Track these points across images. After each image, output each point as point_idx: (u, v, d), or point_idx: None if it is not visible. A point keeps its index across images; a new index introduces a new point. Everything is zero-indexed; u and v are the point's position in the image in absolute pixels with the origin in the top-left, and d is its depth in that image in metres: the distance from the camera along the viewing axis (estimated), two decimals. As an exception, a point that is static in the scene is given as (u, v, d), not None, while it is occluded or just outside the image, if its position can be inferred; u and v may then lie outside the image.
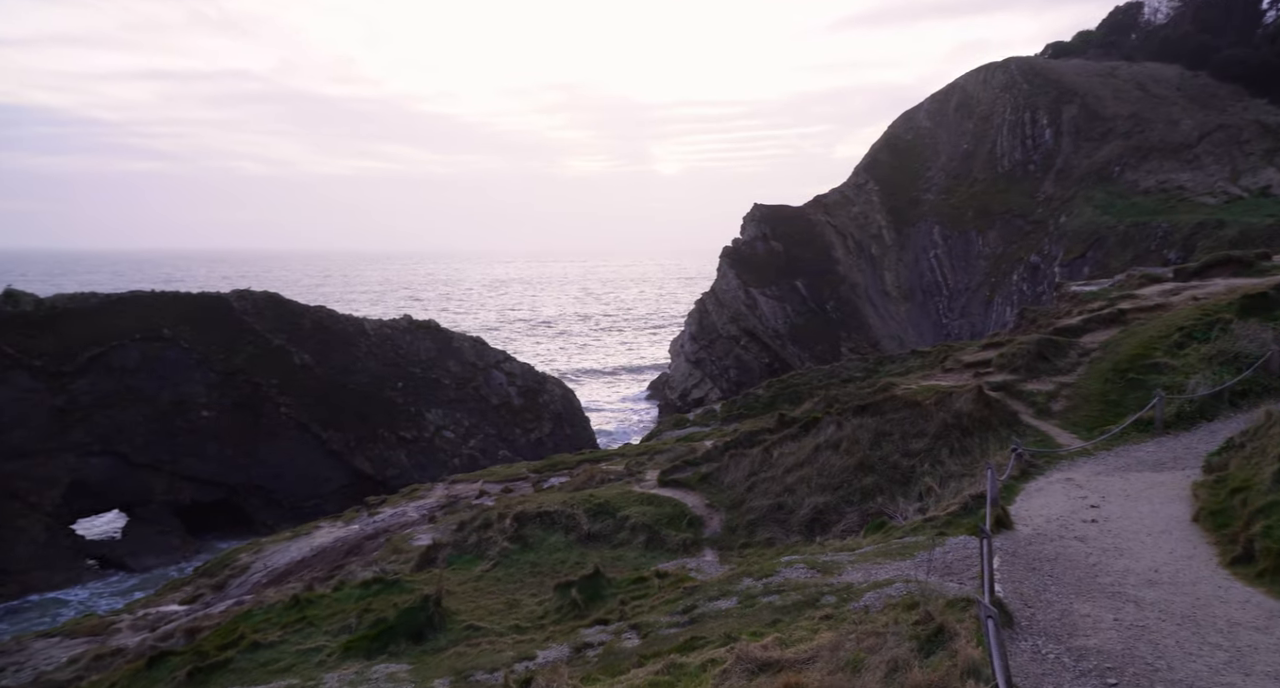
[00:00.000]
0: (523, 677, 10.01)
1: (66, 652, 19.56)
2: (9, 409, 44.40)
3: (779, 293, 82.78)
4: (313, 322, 59.62)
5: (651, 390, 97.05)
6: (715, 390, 79.16)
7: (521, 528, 18.15)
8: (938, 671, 5.96)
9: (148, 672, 13.74)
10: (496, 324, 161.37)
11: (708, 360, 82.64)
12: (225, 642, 14.22)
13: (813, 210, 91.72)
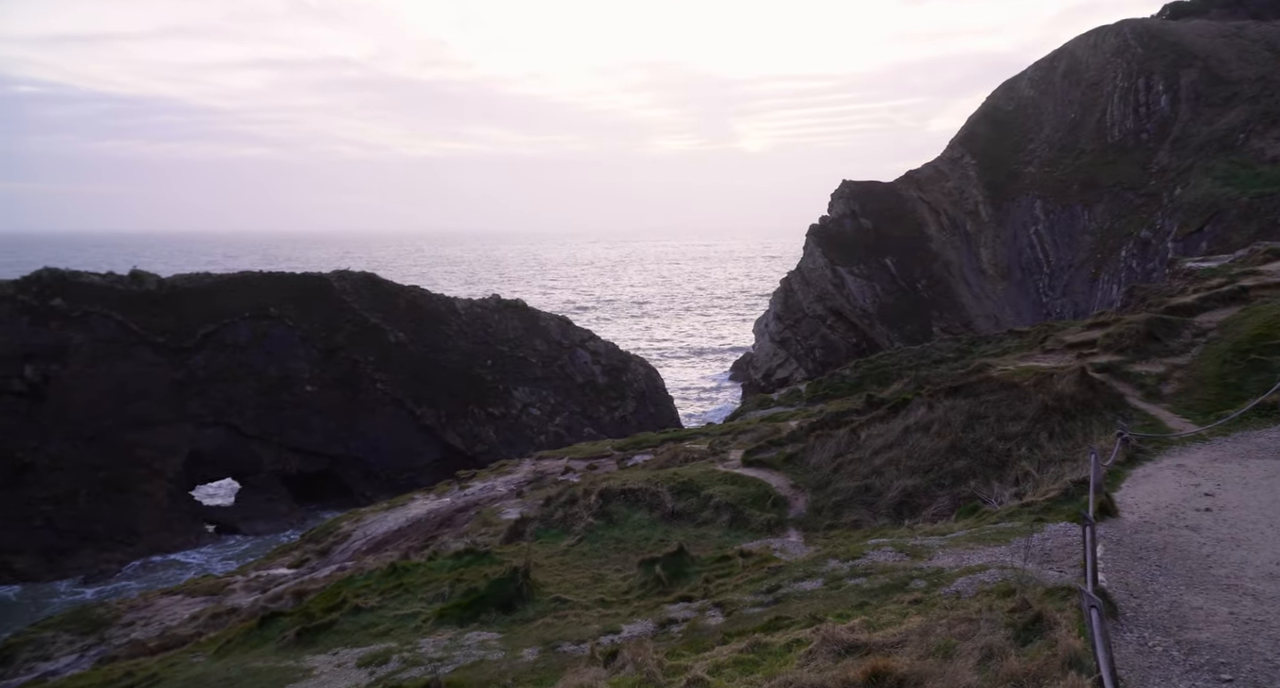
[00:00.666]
0: (608, 650, 10.18)
1: (188, 609, 21.07)
2: (134, 382, 47.83)
3: (867, 271, 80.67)
4: (407, 301, 61.75)
5: (735, 370, 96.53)
6: (800, 370, 78.07)
7: (606, 505, 18.40)
8: (1035, 660, 5.76)
9: (260, 631, 14.65)
10: (582, 303, 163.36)
11: (793, 340, 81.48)
12: (330, 605, 15.01)
13: (904, 186, 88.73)
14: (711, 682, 7.96)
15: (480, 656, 12.31)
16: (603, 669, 9.59)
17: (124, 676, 13.77)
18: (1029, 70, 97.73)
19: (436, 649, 12.91)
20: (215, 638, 15.57)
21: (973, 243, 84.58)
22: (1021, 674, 5.64)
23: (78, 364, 46.64)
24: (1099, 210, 78.35)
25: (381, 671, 12.41)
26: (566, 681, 9.54)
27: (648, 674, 8.80)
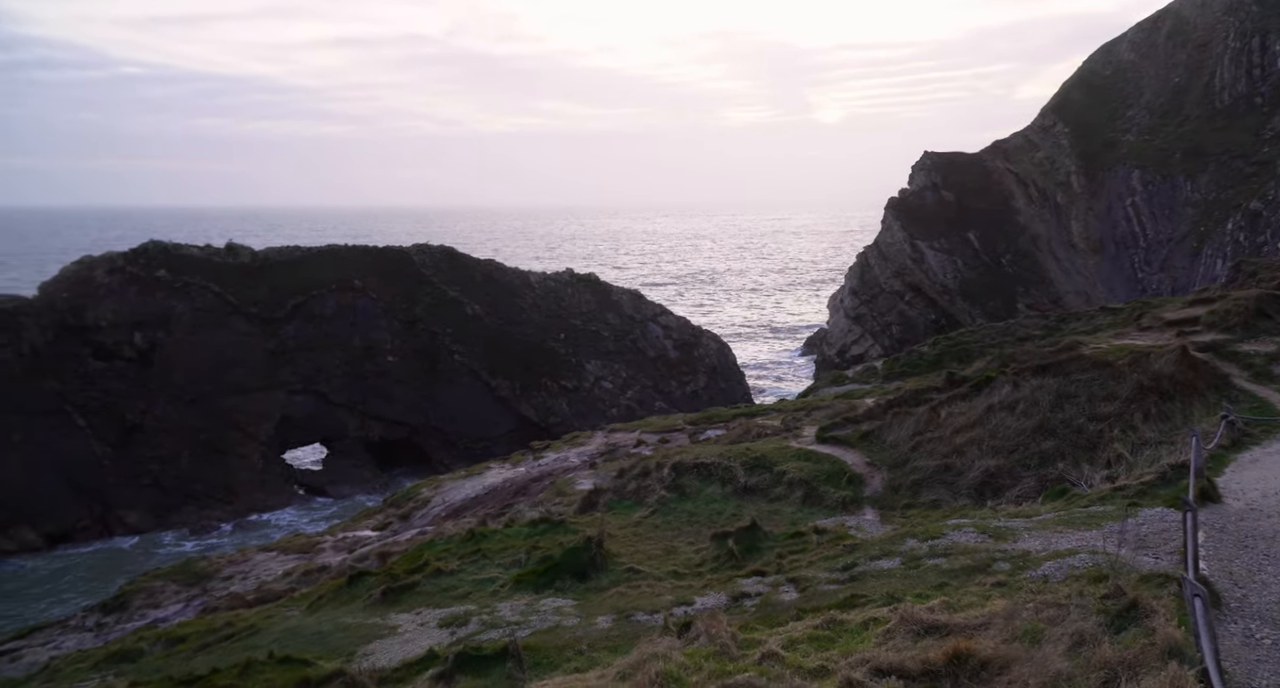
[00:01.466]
0: (682, 621, 10.27)
1: (281, 565, 22.23)
2: (229, 350, 50.31)
3: (948, 246, 78.02)
4: (483, 274, 62.89)
5: (808, 347, 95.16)
6: (876, 347, 76.42)
7: (679, 478, 18.49)
8: (1131, 649, 5.53)
9: (349, 588, 15.34)
10: (653, 278, 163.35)
11: (868, 316, 79.72)
12: (412, 567, 15.59)
13: (990, 157, 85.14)
14: (786, 657, 7.94)
15: (556, 621, 12.61)
16: (676, 640, 9.68)
17: (225, 625, 14.64)
18: (1129, 32, 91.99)
19: (514, 613, 13.28)
20: (307, 593, 16.38)
21: (1063, 216, 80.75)
22: (1116, 663, 5.43)
23: (180, 332, 49.32)
24: (1203, 180, 73.61)
25: (462, 631, 12.85)
26: (641, 649, 9.67)
27: (721, 647, 8.84)
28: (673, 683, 7.98)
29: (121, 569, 38.29)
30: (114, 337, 47.97)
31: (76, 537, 42.88)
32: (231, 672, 11.53)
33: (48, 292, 48.49)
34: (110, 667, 13.70)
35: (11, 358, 44.73)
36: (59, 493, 43.08)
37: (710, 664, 8.20)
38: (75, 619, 20.23)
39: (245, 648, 13.36)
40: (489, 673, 10.55)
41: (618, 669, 9.43)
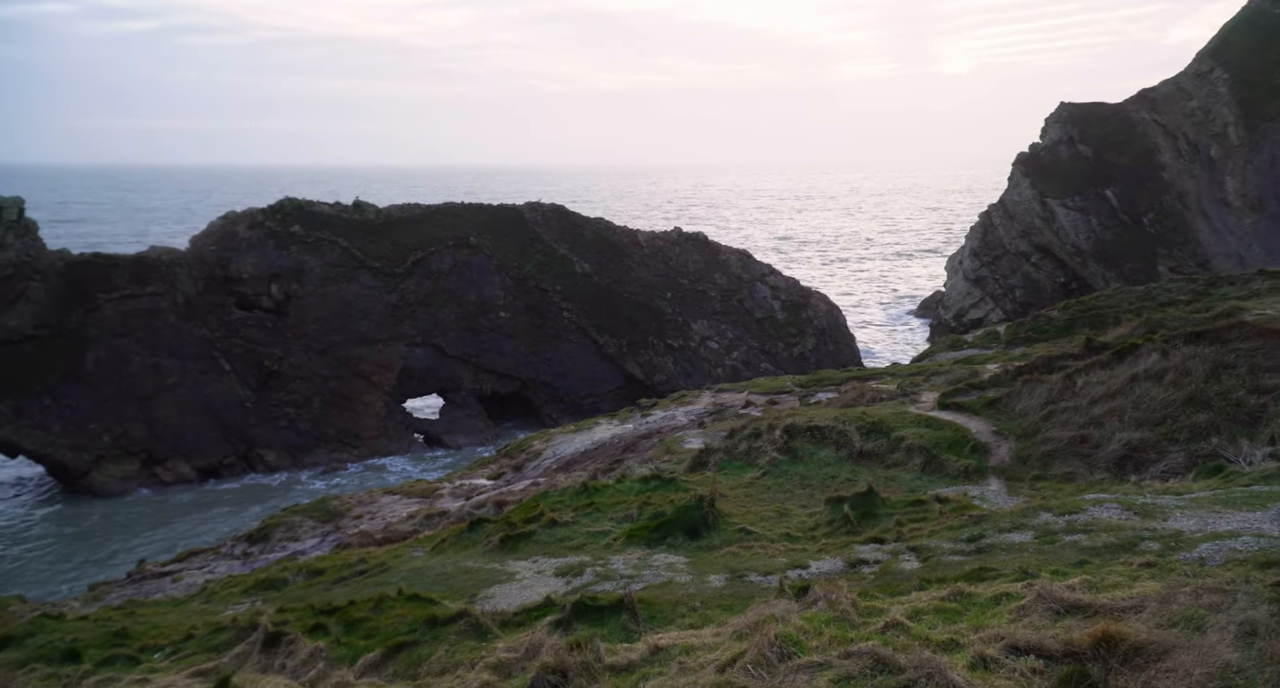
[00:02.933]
0: (798, 584, 10.17)
1: (405, 508, 23.49)
2: (357, 303, 53.03)
3: (1083, 204, 72.77)
4: (593, 233, 63.44)
5: (922, 310, 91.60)
6: (996, 311, 72.72)
7: (791, 440, 18.24)
8: (1315, 645, 5.04)
9: (469, 534, 16.04)
10: (763, 237, 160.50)
11: (990, 279, 75.78)
12: (528, 517, 16.11)
13: (1135, 107, 78.35)
14: (911, 627, 7.72)
15: (668, 577, 12.77)
16: (793, 603, 9.60)
17: (358, 561, 15.62)
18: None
19: (627, 567, 13.54)
20: (431, 536, 17.24)
21: (1217, 171, 73.68)
22: (1297, 659, 4.96)
23: (311, 284, 52.32)
24: (1392, 130, 65.36)
25: (577, 581, 13.22)
26: (757, 610, 9.65)
27: (841, 613, 8.70)
28: (791, 646, 7.92)
29: (262, 503, 41.57)
30: (254, 288, 51.39)
31: (223, 472, 46.78)
32: (366, 605, 12.30)
33: (197, 245, 52.31)
34: (258, 593, 14.90)
35: (167, 306, 48.70)
36: (208, 431, 46.97)
37: (830, 630, 8.08)
38: (225, 547, 22.14)
39: (377, 584, 14.23)
40: (605, 623, 10.81)
41: (733, 628, 9.45)
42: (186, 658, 11.10)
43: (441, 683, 9.79)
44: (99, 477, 43.82)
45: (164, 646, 11.55)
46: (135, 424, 45.40)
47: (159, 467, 45.31)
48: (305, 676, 10.00)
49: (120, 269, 48.54)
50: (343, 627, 11.69)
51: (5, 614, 15.69)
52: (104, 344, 46.48)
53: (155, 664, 10.83)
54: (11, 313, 45.21)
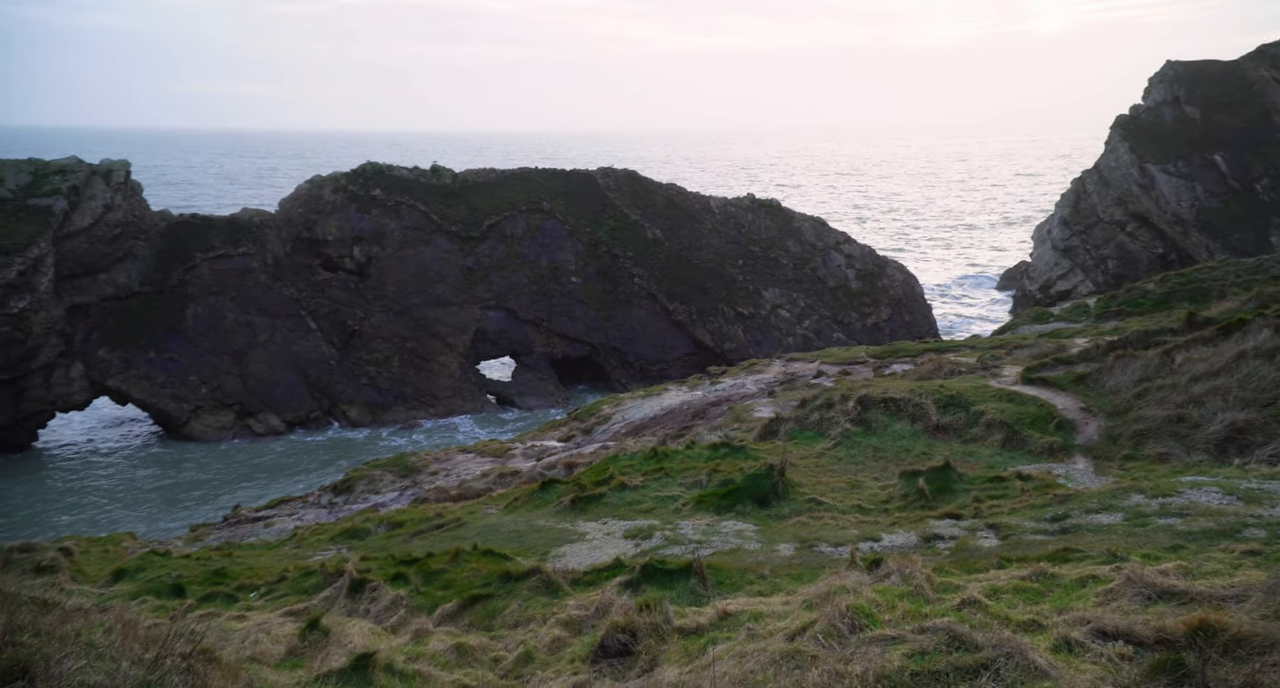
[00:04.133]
0: (869, 557, 10.05)
1: (479, 466, 24.16)
2: (434, 266, 54.23)
3: (1186, 170, 68.39)
4: (664, 198, 63.03)
5: (1005, 281, 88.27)
6: (1086, 283, 69.50)
7: (865, 411, 17.93)
8: None
9: (540, 493, 16.40)
10: (839, 206, 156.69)
11: (1080, 249, 72.32)
12: (599, 479, 16.35)
13: (1253, 64, 72.77)
14: (990, 606, 7.56)
15: (737, 544, 12.82)
16: (865, 575, 9.51)
17: (435, 516, 16.18)
18: None
19: (695, 532, 13.63)
20: (504, 495, 17.70)
21: (1343, 135, 68.09)
22: None
23: (391, 247, 53.71)
24: None
25: (646, 544, 13.39)
26: (827, 580, 9.60)
27: (915, 587, 8.57)
28: (863, 618, 7.86)
29: (345, 456, 43.40)
30: (338, 250, 53.06)
31: (310, 425, 48.94)
32: (443, 557, 12.75)
33: (286, 207, 54.19)
34: (343, 541, 15.62)
35: (259, 267, 50.78)
36: (296, 387, 49.11)
37: (904, 605, 7.97)
38: (313, 496, 23.25)
39: (453, 538, 14.73)
40: (673, 586, 10.94)
41: (803, 598, 9.44)
42: (279, 598, 11.75)
43: (515, 636, 10.11)
44: (198, 426, 46.43)
45: (259, 586, 12.27)
46: (230, 378, 47.80)
47: (251, 418, 47.70)
48: (388, 621, 10.46)
49: (216, 230, 50.76)
50: (422, 577, 12.16)
51: (119, 549, 16.92)
52: (202, 301, 48.88)
53: (251, 603, 11.51)
54: (120, 270, 47.90)
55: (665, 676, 7.61)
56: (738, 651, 7.88)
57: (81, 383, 45.66)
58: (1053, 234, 75.80)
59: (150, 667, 7.14)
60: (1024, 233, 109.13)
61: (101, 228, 47.20)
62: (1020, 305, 72.82)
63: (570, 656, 9.21)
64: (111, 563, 15.30)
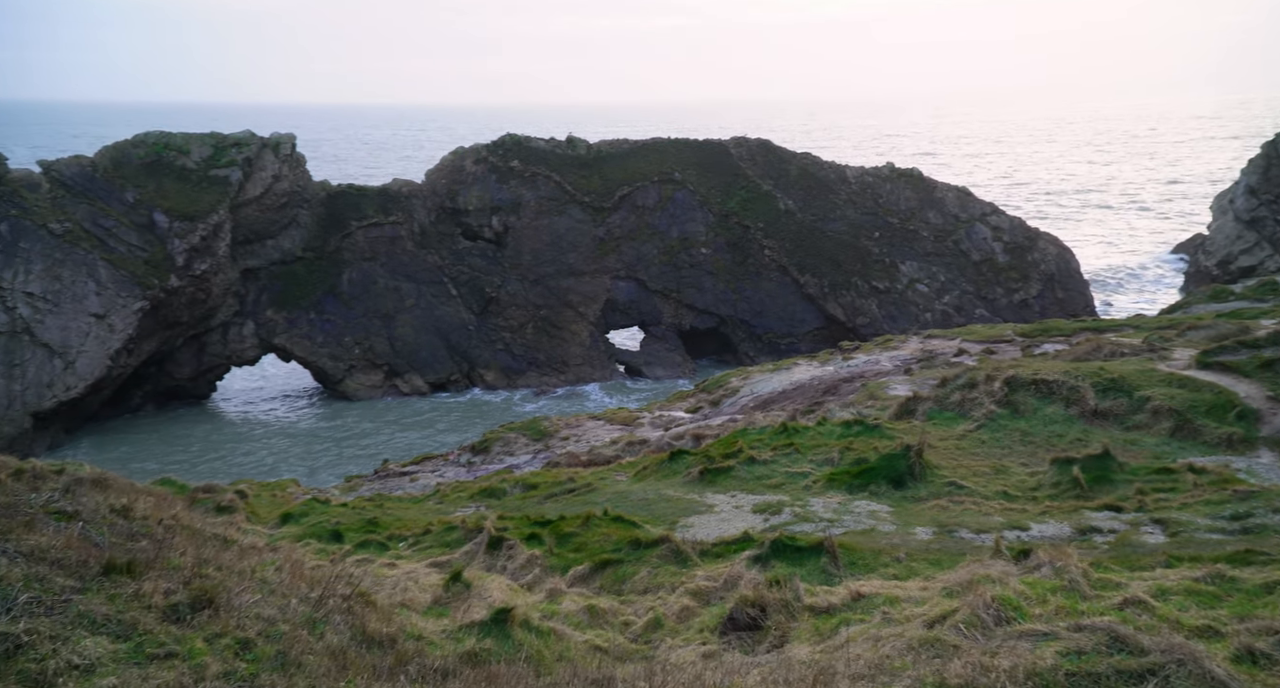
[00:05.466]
0: (1017, 546, 9.53)
1: (608, 433, 24.67)
2: (567, 236, 55.41)
3: None
4: (798, 168, 61.36)
5: (1174, 255, 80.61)
6: (1275, 258, 62.39)
7: (1012, 393, 16.93)
8: None
9: (669, 463, 16.56)
10: (987, 177, 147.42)
11: (1270, 220, 64.89)
12: (727, 452, 16.31)
13: None
14: (1156, 607, 6.99)
15: (870, 525, 12.48)
16: (1011, 565, 9.02)
17: (567, 480, 16.68)
18: None
19: (826, 510, 13.38)
20: (633, 463, 18.00)
21: None
22: None
23: (527, 217, 55.29)
24: None
25: (775, 519, 13.27)
26: (969, 568, 9.18)
27: (1069, 582, 8.05)
28: (1010, 610, 7.45)
29: (482, 418, 45.50)
30: (478, 219, 55.17)
31: (450, 387, 51.57)
32: (575, 521, 13.15)
33: (431, 178, 56.78)
34: (482, 499, 16.40)
35: (406, 234, 53.63)
36: (438, 350, 51.80)
37: (1056, 599, 7.50)
38: (453, 455, 24.54)
39: (584, 503, 15.14)
40: (803, 564, 10.79)
41: (943, 584, 9.07)
42: (424, 550, 12.51)
43: (644, 602, 10.30)
44: (351, 384, 49.93)
45: (407, 536, 13.10)
46: (379, 339, 50.99)
47: (398, 378, 50.78)
48: (523, 578, 10.91)
49: (369, 199, 53.92)
50: (555, 539, 12.59)
51: (285, 494, 18.53)
52: (356, 267, 52.22)
53: (400, 552, 12.32)
54: (285, 237, 51.87)
55: (796, 653, 7.53)
56: (872, 634, 7.68)
57: (252, 340, 50.00)
58: (1236, 204, 68.33)
59: (315, 605, 7.76)
60: (1201, 205, 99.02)
61: (270, 197, 51.13)
62: (1193, 282, 66.42)
63: (699, 625, 9.28)
64: (279, 507, 16.77)
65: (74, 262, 43.48)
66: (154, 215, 46.59)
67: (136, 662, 5.70)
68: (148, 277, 44.62)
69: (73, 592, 6.44)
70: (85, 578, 6.72)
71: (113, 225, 45.42)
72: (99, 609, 6.23)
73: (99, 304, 43.27)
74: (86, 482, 9.94)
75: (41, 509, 8.12)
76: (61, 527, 7.70)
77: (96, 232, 44.92)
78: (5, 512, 7.62)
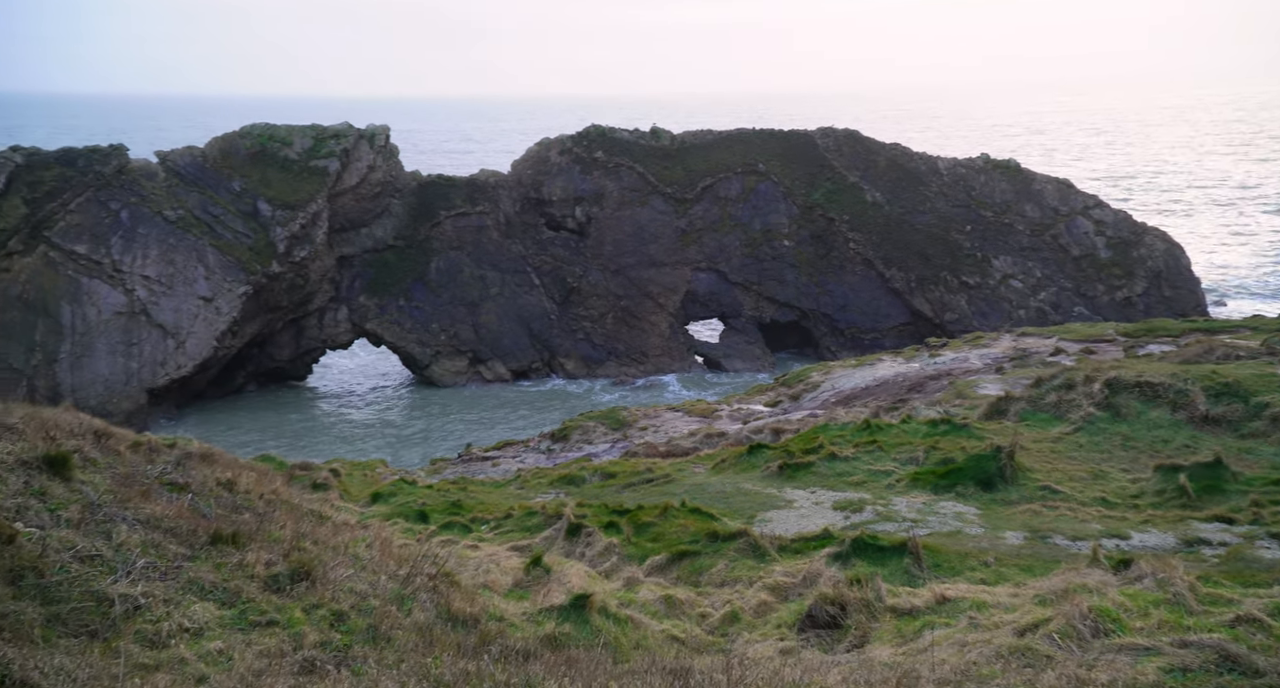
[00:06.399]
0: (1116, 556, 9.07)
1: (686, 425, 24.67)
2: (649, 227, 55.53)
3: None
4: (887, 159, 59.72)
5: (1302, 253, 74.91)
6: None
7: (1113, 395, 16.10)
8: None
9: (748, 457, 16.45)
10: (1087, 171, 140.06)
11: None
12: (807, 447, 16.08)
13: None
14: (1274, 626, 6.53)
15: (957, 527, 12.10)
16: (1111, 576, 8.59)
17: (645, 470, 16.78)
18: None
19: (910, 510, 13.04)
20: (711, 455, 17.95)
21: None
22: None
23: (610, 208, 55.66)
24: None
25: (855, 517, 13.02)
26: (1064, 576, 8.79)
27: (1174, 596, 7.61)
28: (1109, 622, 7.11)
29: (562, 406, 46.19)
30: (561, 210, 55.87)
31: (531, 375, 52.54)
32: (653, 511, 13.21)
33: (516, 168, 57.80)
34: (561, 486, 16.67)
35: (491, 224, 54.81)
36: (520, 338, 52.81)
37: (1160, 613, 7.11)
38: (533, 441, 25.03)
39: (661, 493, 15.20)
40: (885, 563, 10.55)
41: (1035, 592, 8.71)
42: (505, 533, 12.80)
43: (721, 595, 10.28)
44: (437, 370, 51.45)
45: (489, 520, 13.44)
46: (464, 327, 52.34)
47: (481, 365, 52.04)
48: (601, 566, 11.03)
49: (457, 189, 55.30)
50: (632, 528, 12.68)
51: (374, 474, 19.30)
52: (443, 255, 53.70)
53: (483, 535, 12.65)
54: (378, 225, 53.77)
55: (878, 654, 7.38)
56: (958, 639, 7.46)
57: (346, 325, 52.07)
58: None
59: (404, 582, 8.04)
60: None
61: (365, 186, 53.04)
62: (1320, 282, 61.67)
63: (776, 621, 9.20)
64: (369, 486, 17.45)
65: (185, 247, 46.16)
66: (258, 204, 48.98)
67: (240, 628, 6.05)
68: (251, 262, 46.97)
69: (184, 559, 6.87)
70: (194, 547, 7.15)
71: (220, 213, 47.99)
72: (207, 577, 6.62)
73: (207, 288, 45.85)
74: (195, 456, 10.55)
75: (156, 480, 8.68)
76: (173, 497, 8.21)
77: (206, 219, 47.56)
78: (125, 482, 8.17)
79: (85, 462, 8.00)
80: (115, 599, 5.69)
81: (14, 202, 45.05)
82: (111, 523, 6.83)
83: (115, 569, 6.05)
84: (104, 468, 8.21)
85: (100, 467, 8.18)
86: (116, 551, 6.37)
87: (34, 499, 6.65)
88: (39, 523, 6.33)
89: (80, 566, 5.97)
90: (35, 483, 6.94)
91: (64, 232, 44.85)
